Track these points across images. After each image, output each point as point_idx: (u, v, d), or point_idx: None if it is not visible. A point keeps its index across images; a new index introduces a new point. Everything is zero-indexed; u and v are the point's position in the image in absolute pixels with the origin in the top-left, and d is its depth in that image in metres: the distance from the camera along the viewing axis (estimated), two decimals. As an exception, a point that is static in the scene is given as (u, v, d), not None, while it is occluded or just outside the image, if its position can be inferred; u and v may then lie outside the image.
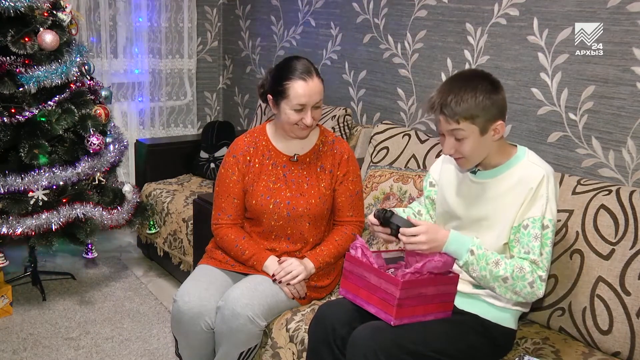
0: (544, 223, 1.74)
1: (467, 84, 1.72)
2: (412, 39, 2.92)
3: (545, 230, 1.74)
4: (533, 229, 1.73)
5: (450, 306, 1.83)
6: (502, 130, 1.76)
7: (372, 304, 1.80)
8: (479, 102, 1.70)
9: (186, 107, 4.36)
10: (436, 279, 1.78)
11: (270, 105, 2.19)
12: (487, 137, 1.75)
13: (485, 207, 1.83)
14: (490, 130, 1.74)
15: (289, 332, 2.06)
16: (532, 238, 1.73)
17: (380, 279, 1.77)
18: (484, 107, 1.71)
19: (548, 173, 1.76)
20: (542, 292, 1.73)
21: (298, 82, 2.08)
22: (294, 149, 2.26)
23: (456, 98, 1.70)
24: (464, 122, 1.71)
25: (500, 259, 1.74)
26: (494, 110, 1.72)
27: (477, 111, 1.70)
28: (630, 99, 2.11)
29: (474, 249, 1.74)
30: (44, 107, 2.79)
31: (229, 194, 2.24)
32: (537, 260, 1.72)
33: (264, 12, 3.96)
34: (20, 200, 2.73)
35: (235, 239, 2.22)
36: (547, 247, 1.74)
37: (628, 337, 1.84)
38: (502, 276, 1.72)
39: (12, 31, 2.70)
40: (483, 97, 1.70)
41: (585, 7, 2.21)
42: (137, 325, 2.94)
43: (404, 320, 1.75)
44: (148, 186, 3.53)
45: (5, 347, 2.71)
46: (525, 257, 1.73)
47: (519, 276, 1.71)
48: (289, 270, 2.12)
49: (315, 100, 2.11)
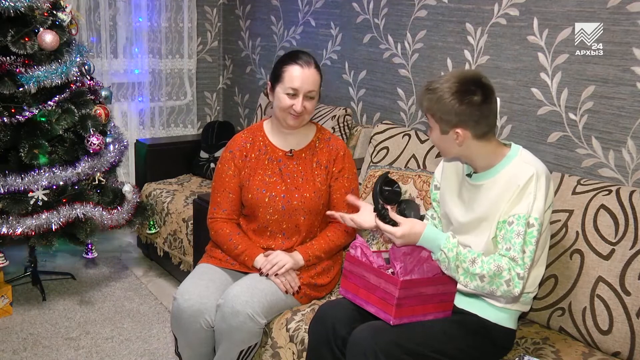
0: (530, 221, 1.72)
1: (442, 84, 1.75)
2: (412, 39, 2.92)
3: (530, 229, 1.72)
4: (517, 226, 1.72)
5: (450, 306, 1.83)
6: (462, 138, 1.76)
7: (371, 303, 1.81)
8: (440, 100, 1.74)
9: (186, 107, 4.36)
10: (436, 279, 1.79)
11: (269, 92, 2.26)
12: (447, 137, 1.78)
13: (481, 208, 1.83)
14: (450, 133, 1.77)
15: (289, 332, 2.06)
16: (514, 235, 1.72)
17: (380, 278, 1.78)
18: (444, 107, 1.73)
19: (539, 172, 1.75)
20: (518, 290, 1.71)
21: (295, 66, 2.17)
22: (290, 144, 2.29)
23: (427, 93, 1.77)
24: (430, 117, 1.80)
25: (476, 257, 1.73)
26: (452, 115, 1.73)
27: (436, 111, 1.76)
28: (630, 99, 2.11)
29: (445, 250, 1.74)
30: (44, 107, 2.79)
31: (224, 188, 2.28)
32: (517, 258, 1.70)
33: (264, 12, 3.96)
34: (20, 200, 2.73)
35: (229, 233, 2.24)
36: (530, 245, 1.72)
37: (628, 337, 1.84)
38: (478, 274, 1.71)
39: (12, 31, 2.70)
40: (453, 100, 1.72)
41: (585, 7, 2.21)
42: (137, 325, 2.94)
43: (403, 320, 1.75)
44: (148, 186, 3.53)
45: (5, 347, 2.71)
46: (506, 254, 1.72)
47: (496, 274, 1.70)
48: (275, 262, 2.14)
49: (308, 89, 2.16)
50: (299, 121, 2.22)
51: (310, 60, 2.19)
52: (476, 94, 1.72)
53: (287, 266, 2.14)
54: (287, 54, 2.25)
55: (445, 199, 1.97)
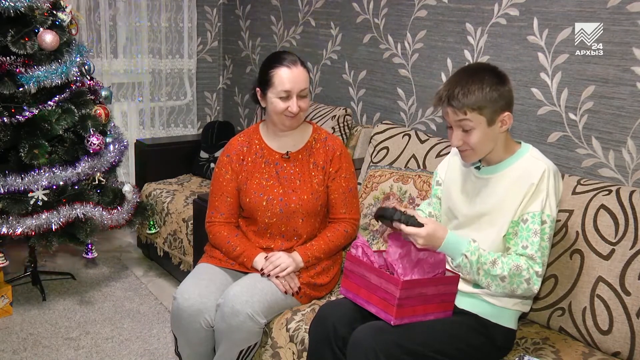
0: (543, 218, 1.75)
1: (474, 76, 1.75)
2: (412, 39, 2.92)
3: (543, 226, 1.75)
4: (532, 224, 1.74)
5: (451, 306, 1.83)
6: (509, 121, 1.79)
7: (372, 303, 1.80)
8: (485, 94, 1.73)
9: (186, 107, 4.36)
10: (436, 279, 1.79)
11: (259, 99, 2.26)
12: (494, 128, 1.77)
13: (487, 202, 1.84)
14: (498, 121, 1.77)
15: (289, 332, 2.06)
16: (531, 233, 1.74)
17: (381, 278, 1.77)
18: (491, 98, 1.73)
19: (549, 168, 1.78)
20: (537, 287, 1.74)
21: (282, 69, 2.16)
22: (286, 147, 2.29)
23: (463, 90, 1.73)
24: (472, 113, 1.74)
25: (497, 259, 1.74)
26: (501, 101, 1.75)
27: (484, 102, 1.73)
28: (630, 99, 2.11)
29: (467, 254, 1.75)
30: (44, 107, 2.78)
31: (222, 192, 2.29)
32: (535, 256, 1.73)
33: (264, 12, 3.96)
34: (20, 200, 2.73)
35: (227, 236, 2.25)
36: (544, 242, 1.75)
37: (628, 337, 1.84)
38: (499, 275, 1.73)
39: (12, 31, 2.70)
40: (490, 88, 1.73)
41: (585, 7, 2.21)
42: (137, 325, 2.94)
43: (404, 320, 1.75)
44: (148, 186, 3.53)
45: (5, 347, 2.71)
46: (523, 253, 1.74)
47: (516, 274, 1.72)
48: (277, 264, 2.14)
49: (300, 88, 2.16)
50: (296, 121, 2.23)
51: (295, 59, 2.19)
52: (505, 77, 1.79)
53: (288, 270, 2.14)
54: (270, 57, 2.24)
55: (450, 192, 1.98)
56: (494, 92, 1.74)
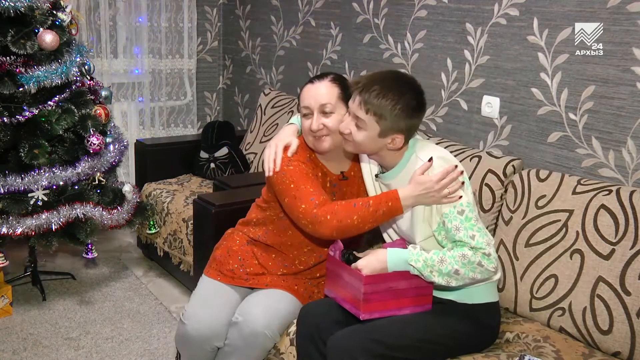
0: (458, 209, 1.76)
1: (399, 88, 1.77)
2: (412, 39, 2.92)
3: (462, 215, 1.76)
4: (451, 222, 1.76)
5: (429, 299, 1.85)
6: (399, 144, 1.81)
7: (346, 300, 1.86)
8: (395, 109, 1.74)
9: (186, 107, 4.36)
10: (406, 273, 1.80)
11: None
12: (383, 140, 1.80)
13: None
14: (389, 137, 1.79)
15: (289, 336, 2.06)
16: (454, 230, 1.76)
17: (351, 275, 1.83)
18: (397, 115, 1.75)
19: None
20: (494, 264, 1.75)
21: (307, 85, 2.03)
22: (340, 167, 2.12)
23: (382, 91, 1.75)
24: (371, 116, 1.76)
25: (443, 256, 1.75)
26: (403, 124, 1.77)
27: (387, 114, 1.75)
28: (630, 99, 2.11)
29: (412, 263, 1.77)
30: (44, 107, 2.78)
31: (307, 176, 1.97)
32: (473, 243, 1.74)
33: (264, 12, 3.96)
34: (20, 200, 2.73)
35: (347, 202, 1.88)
36: (474, 226, 1.76)
37: (628, 337, 1.84)
38: (452, 270, 1.74)
39: (12, 31, 2.69)
40: (403, 107, 1.75)
41: (585, 7, 2.21)
42: (137, 325, 2.94)
43: (374, 315, 1.79)
44: (148, 186, 3.53)
45: (5, 347, 2.71)
46: (462, 245, 1.75)
47: (466, 262, 1.73)
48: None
49: (320, 102, 1.96)
50: (325, 143, 1.99)
51: (326, 75, 2.01)
52: (424, 108, 1.81)
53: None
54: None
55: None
56: (402, 113, 1.75)
